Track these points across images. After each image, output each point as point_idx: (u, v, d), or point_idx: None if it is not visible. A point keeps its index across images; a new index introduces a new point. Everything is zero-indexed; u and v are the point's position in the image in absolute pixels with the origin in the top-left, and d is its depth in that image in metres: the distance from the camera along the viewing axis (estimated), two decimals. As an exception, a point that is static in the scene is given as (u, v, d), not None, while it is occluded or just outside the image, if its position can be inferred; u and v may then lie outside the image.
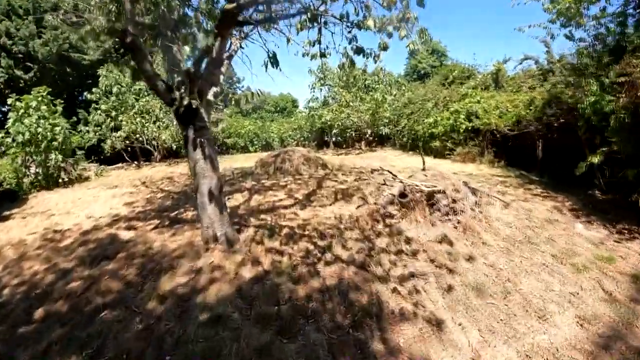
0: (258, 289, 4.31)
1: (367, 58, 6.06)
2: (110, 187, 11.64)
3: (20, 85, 20.25)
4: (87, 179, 14.28)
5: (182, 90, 4.88)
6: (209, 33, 4.76)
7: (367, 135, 18.86)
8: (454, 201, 6.55)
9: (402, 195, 6.50)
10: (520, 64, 15.84)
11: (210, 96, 5.32)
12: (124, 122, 15.53)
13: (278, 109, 41.31)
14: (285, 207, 7.14)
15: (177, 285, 4.43)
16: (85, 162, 18.28)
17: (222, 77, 5.55)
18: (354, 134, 18.81)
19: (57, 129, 12.73)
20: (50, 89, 13.03)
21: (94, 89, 16.46)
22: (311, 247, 5.34)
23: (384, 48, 5.43)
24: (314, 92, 19.91)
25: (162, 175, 13.24)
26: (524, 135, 12.02)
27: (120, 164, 17.86)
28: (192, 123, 4.95)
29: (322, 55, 6.35)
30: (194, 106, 4.81)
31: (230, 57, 5.92)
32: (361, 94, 19.31)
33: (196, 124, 4.96)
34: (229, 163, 15.43)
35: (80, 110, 17.17)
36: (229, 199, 8.16)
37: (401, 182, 6.84)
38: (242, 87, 64.99)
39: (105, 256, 5.42)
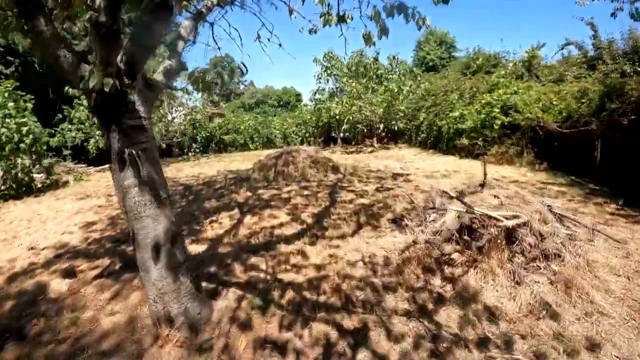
0: None
1: (409, 21, 3.88)
2: (81, 197, 9.38)
3: (1, 80, 18.00)
4: (65, 184, 12.01)
5: (99, 62, 2.51)
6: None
7: (380, 131, 16.46)
8: (542, 237, 4.21)
9: (469, 229, 4.16)
10: (562, 49, 13.35)
11: (158, 74, 2.98)
12: (106, 118, 13.18)
13: (281, 103, 38.86)
14: (288, 241, 4.79)
15: None
16: (72, 163, 16.14)
17: (181, 44, 3.20)
18: (365, 130, 16.43)
19: (25, 129, 10.45)
20: (32, 84, 10.78)
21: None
22: (333, 333, 3.01)
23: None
24: (319, 82, 17.48)
25: (145, 180, 10.92)
26: (573, 133, 9.61)
27: (107, 165, 15.57)
28: (116, 121, 2.60)
29: (341, 19, 4.13)
30: (115, 89, 2.45)
31: (200, 16, 3.56)
32: (373, 84, 16.86)
33: (124, 122, 2.61)
34: (224, 164, 13.11)
35: (66, 107, 14.88)
36: (212, 221, 5.85)
37: (459, 200, 4.48)
38: (245, 81, 62.64)
39: (17, 330, 3.19)
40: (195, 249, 4.73)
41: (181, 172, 12.00)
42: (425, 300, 3.53)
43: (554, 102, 10.78)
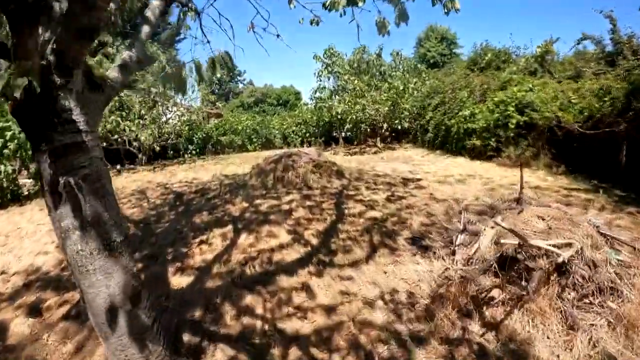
0: None
1: (436, 4, 3.25)
2: (64, 204, 8.55)
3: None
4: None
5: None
6: None
7: (383, 131, 15.62)
8: (595, 266, 3.42)
9: (513, 260, 3.35)
10: (578, 44, 12.50)
11: (111, 71, 2.17)
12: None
13: (281, 101, 37.97)
14: (290, 271, 3.98)
15: None
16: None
17: (146, 29, 2.38)
18: (368, 129, 15.59)
19: (9, 134, 9.64)
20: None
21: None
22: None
23: None
24: (320, 80, 16.60)
25: (135, 187, 10.12)
26: (596, 134, 8.82)
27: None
28: (45, 137, 1.79)
29: (352, 1, 3.37)
30: (41, 92, 1.63)
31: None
32: (376, 81, 16.00)
33: (56, 138, 1.79)
34: (221, 168, 12.28)
35: None
36: (202, 241, 5.03)
37: (500, 225, 3.68)
38: (244, 80, 61.66)
39: None
40: (178, 282, 3.92)
41: (175, 176, 11.18)
42: (465, 357, 2.74)
43: (573, 100, 9.98)
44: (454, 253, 4.05)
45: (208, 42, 3.97)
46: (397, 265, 4.03)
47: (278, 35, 3.98)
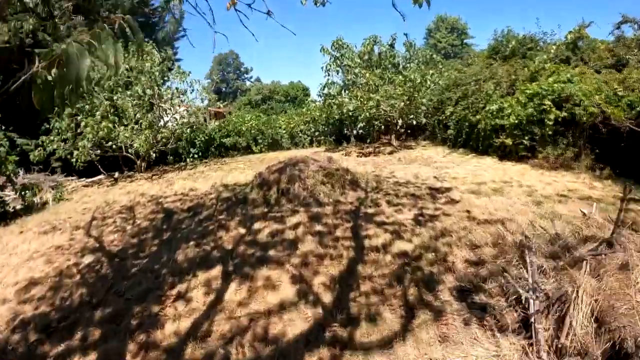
0: None
1: None
2: (46, 229, 7.47)
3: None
4: (43, 206, 10.15)
5: None
6: None
7: (398, 127, 14.20)
8: None
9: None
10: (617, 28, 10.89)
11: None
12: (87, 128, 11.19)
13: (289, 98, 36.63)
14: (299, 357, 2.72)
15: None
16: (61, 176, 14.28)
17: None
18: (382, 127, 14.20)
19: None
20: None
21: (54, 87, 12.04)
22: None
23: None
24: (329, 75, 15.18)
25: (126, 201, 8.97)
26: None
27: (99, 177, 13.67)
28: None
29: None
30: None
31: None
32: (389, 74, 14.55)
33: None
34: (222, 174, 11.07)
35: (52, 116, 12.84)
36: (179, 295, 3.80)
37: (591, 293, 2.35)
38: (251, 77, 60.33)
39: None
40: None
41: (171, 186, 10.01)
42: None
43: (619, 93, 8.51)
44: (526, 326, 2.75)
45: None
46: (446, 346, 2.73)
47: (268, 12, 2.69)
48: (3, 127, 11.09)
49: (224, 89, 55.65)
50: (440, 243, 4.51)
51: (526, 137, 9.28)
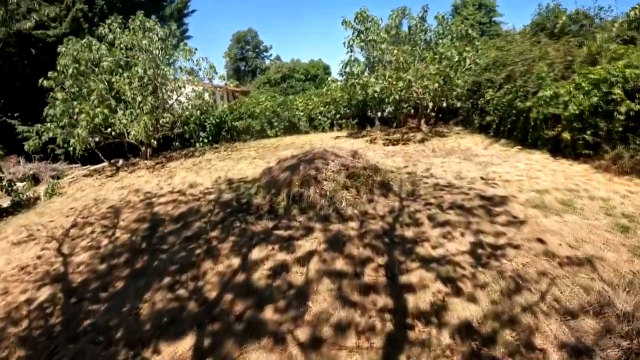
0: None
1: None
2: (23, 237, 6.32)
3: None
4: (35, 201, 9.04)
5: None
6: None
7: (429, 111, 12.30)
8: None
9: None
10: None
11: None
12: (82, 115, 9.87)
13: (309, 76, 34.60)
14: None
15: None
16: (64, 164, 13.26)
17: None
18: (411, 110, 12.27)
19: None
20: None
21: (49, 73, 10.75)
22: None
23: None
24: (351, 52, 13.25)
25: (116, 199, 7.71)
26: None
27: (103, 165, 12.53)
28: None
29: None
30: None
31: None
32: (420, 51, 12.51)
33: None
34: (230, 164, 9.64)
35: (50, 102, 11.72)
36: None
37: None
38: (270, 56, 58.14)
39: None
40: None
41: (170, 180, 8.68)
42: None
43: None
44: None
45: None
46: None
47: None
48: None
49: (243, 67, 53.88)
50: (518, 305, 2.91)
51: (588, 132, 7.31)
